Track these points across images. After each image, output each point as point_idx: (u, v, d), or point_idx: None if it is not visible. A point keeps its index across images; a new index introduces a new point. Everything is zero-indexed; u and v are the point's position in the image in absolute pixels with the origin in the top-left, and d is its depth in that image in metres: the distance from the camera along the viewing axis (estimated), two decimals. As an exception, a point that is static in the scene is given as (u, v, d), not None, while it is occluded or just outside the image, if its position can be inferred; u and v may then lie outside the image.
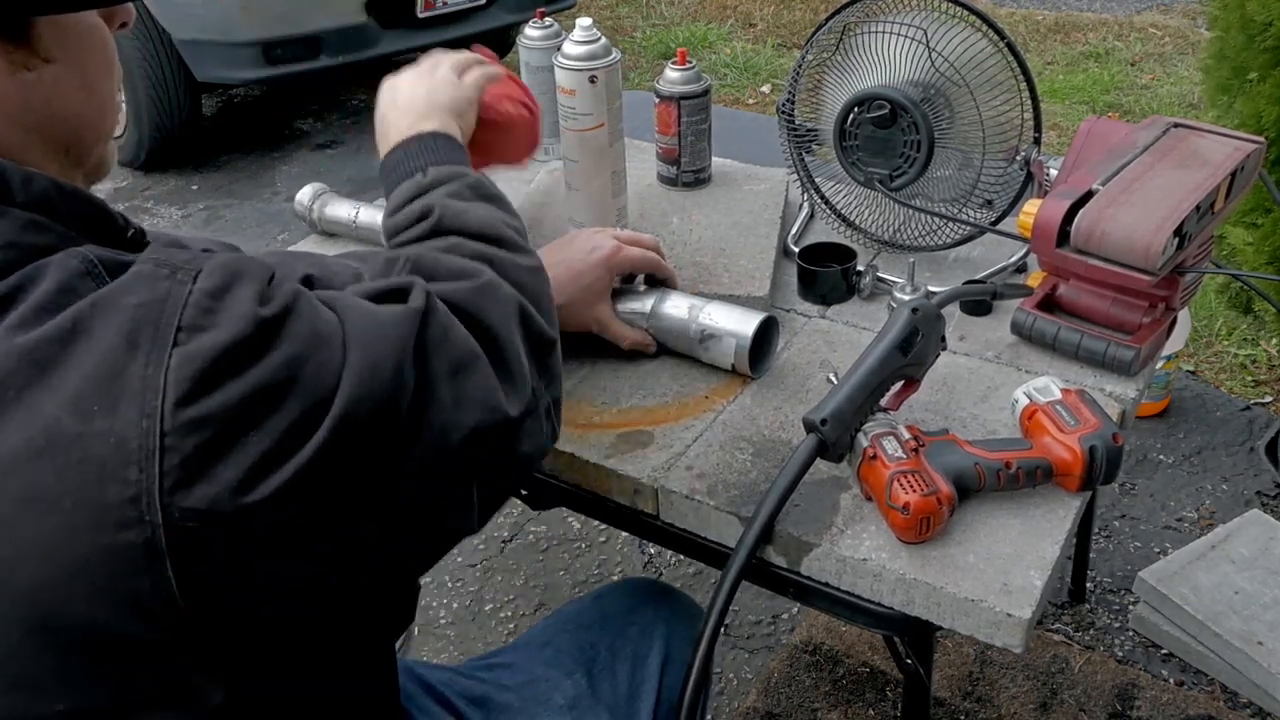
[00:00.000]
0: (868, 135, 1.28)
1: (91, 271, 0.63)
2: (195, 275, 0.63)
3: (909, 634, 0.97)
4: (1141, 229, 1.04)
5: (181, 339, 0.60)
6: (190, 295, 0.62)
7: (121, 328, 0.60)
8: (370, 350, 0.66)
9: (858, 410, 0.94)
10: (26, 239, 0.63)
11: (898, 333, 0.97)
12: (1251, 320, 2.60)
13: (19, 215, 0.63)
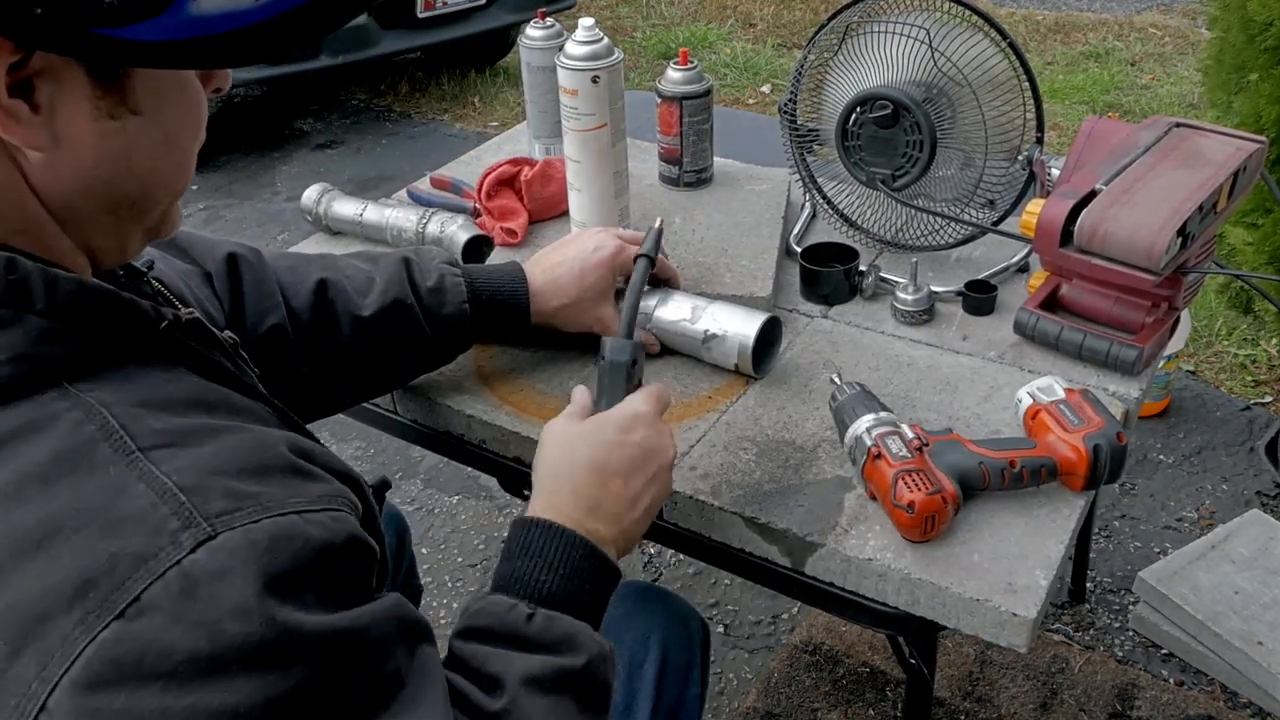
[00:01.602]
0: (870, 135, 1.28)
1: (109, 437, 0.57)
2: (204, 542, 0.54)
3: (913, 634, 0.97)
4: (1145, 229, 1.04)
5: (130, 613, 0.52)
6: (173, 568, 0.53)
7: (81, 571, 0.52)
8: None
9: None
10: (42, 351, 0.58)
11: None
12: (1251, 320, 2.60)
13: (36, 323, 0.58)
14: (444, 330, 1.09)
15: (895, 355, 1.19)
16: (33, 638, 0.52)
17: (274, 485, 0.59)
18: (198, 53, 0.58)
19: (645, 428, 0.88)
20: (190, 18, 0.57)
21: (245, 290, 0.99)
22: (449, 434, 1.18)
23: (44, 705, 0.51)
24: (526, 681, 0.71)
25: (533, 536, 0.80)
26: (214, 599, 0.53)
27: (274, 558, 0.55)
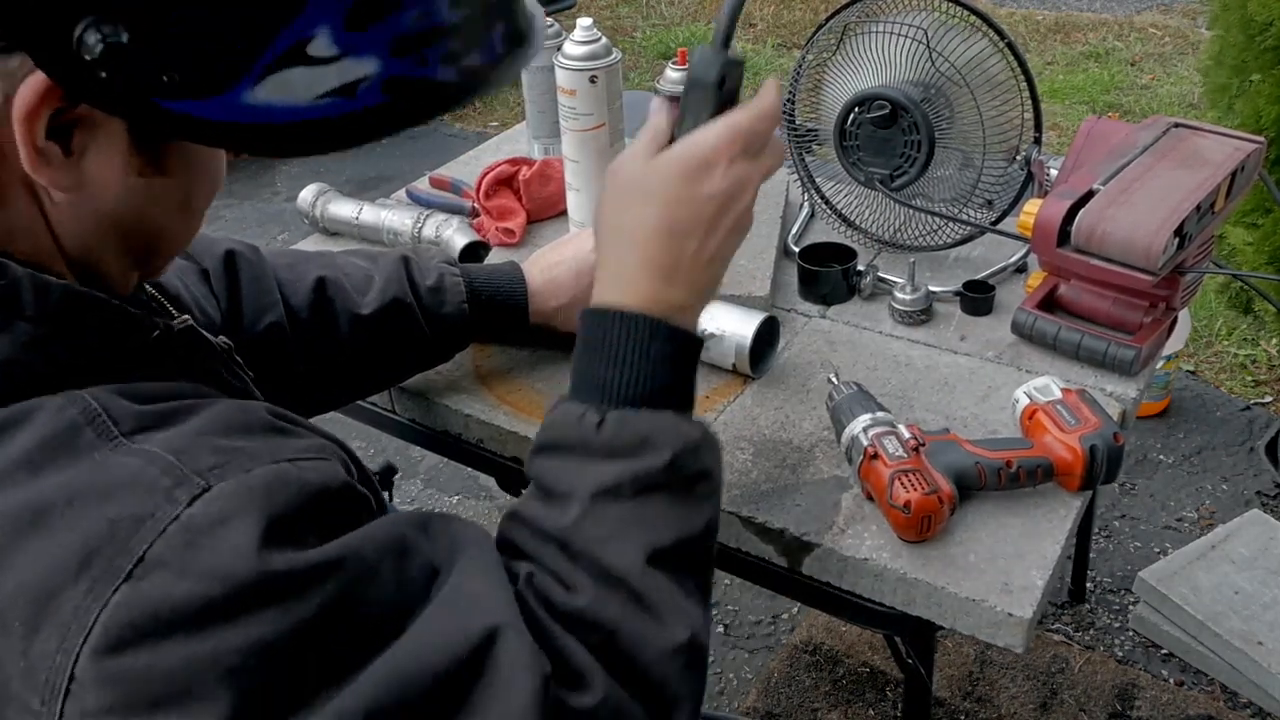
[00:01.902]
0: (868, 135, 1.28)
1: (92, 421, 0.56)
2: (199, 495, 0.54)
3: (910, 634, 0.97)
4: (1142, 229, 1.04)
5: (137, 573, 0.51)
6: (173, 523, 0.53)
7: (82, 542, 0.52)
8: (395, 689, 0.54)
9: None
10: (29, 358, 0.58)
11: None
12: (1251, 320, 2.60)
13: (25, 330, 0.58)
14: (442, 330, 1.09)
15: (893, 355, 1.19)
16: (46, 614, 0.52)
17: (260, 441, 0.59)
18: (248, 138, 0.59)
19: (717, 174, 0.73)
20: (248, 104, 0.57)
21: (243, 288, 0.99)
22: (447, 433, 1.18)
23: (72, 675, 0.51)
24: (597, 493, 0.67)
25: (596, 329, 0.72)
26: (218, 546, 0.53)
27: (271, 501, 0.55)
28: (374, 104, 0.60)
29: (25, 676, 0.52)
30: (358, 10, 0.59)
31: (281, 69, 0.57)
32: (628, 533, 0.66)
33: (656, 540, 0.66)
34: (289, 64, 0.57)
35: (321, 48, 0.58)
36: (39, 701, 0.52)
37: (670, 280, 0.72)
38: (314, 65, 0.58)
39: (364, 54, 0.59)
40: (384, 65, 0.60)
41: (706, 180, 0.73)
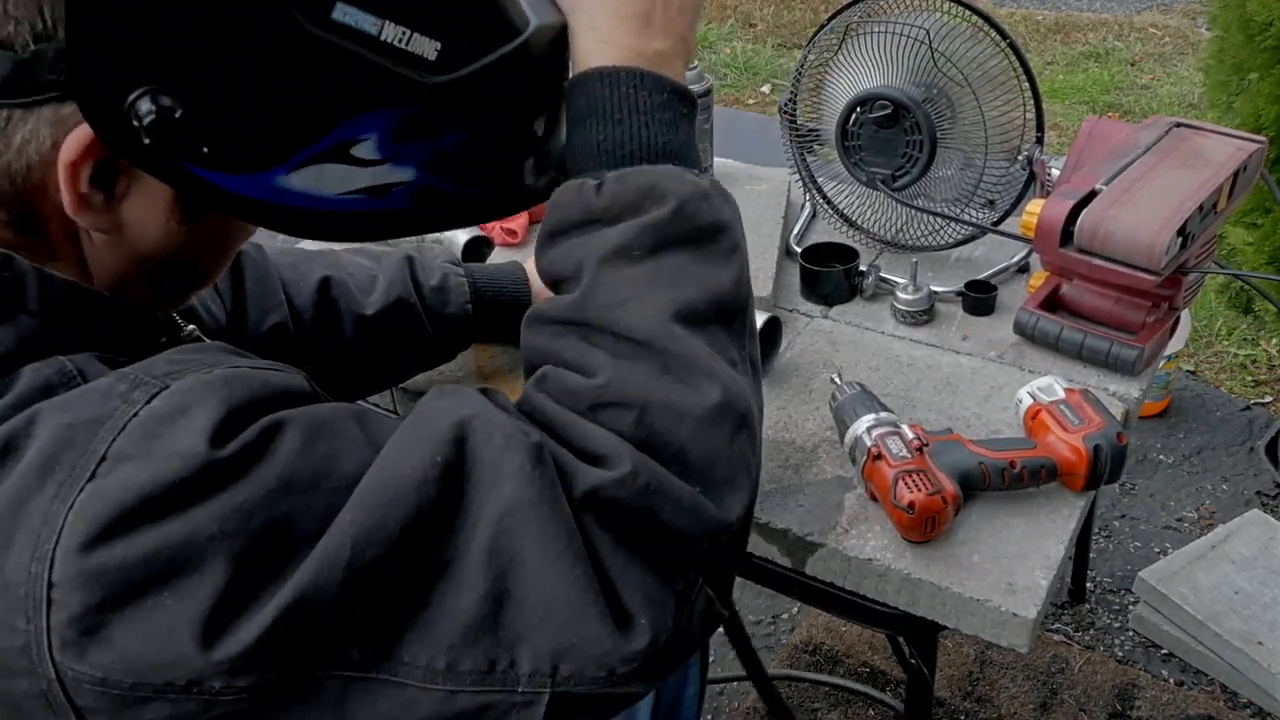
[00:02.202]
0: (870, 135, 1.28)
1: (67, 382, 0.56)
2: (158, 393, 0.54)
3: (913, 634, 0.97)
4: (1145, 229, 1.04)
5: (102, 471, 0.51)
6: (133, 418, 0.53)
7: (42, 450, 0.52)
8: (379, 508, 0.54)
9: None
10: (29, 351, 0.58)
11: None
12: (1251, 320, 2.61)
13: (26, 323, 0.58)
14: (446, 329, 1.09)
15: (895, 355, 1.19)
16: (16, 526, 0.51)
17: (216, 354, 0.59)
18: (269, 215, 0.60)
19: None
20: (280, 187, 0.58)
21: (248, 287, 0.99)
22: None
23: (50, 581, 0.50)
24: (607, 256, 0.63)
25: (579, 98, 0.68)
26: (179, 431, 0.52)
27: (232, 391, 0.55)
28: (400, 208, 0.62)
29: (4, 594, 0.51)
30: (408, 124, 0.60)
31: (322, 162, 0.59)
32: (644, 294, 0.61)
33: (680, 297, 0.61)
34: (330, 159, 0.59)
35: (366, 151, 0.60)
36: (24, 619, 0.51)
37: (646, 27, 0.68)
38: (353, 165, 0.60)
39: (403, 163, 0.61)
40: (418, 176, 0.62)
41: None
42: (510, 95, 0.65)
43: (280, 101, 0.57)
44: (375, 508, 0.53)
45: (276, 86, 0.56)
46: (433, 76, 0.60)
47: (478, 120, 0.64)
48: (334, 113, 0.59)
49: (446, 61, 0.60)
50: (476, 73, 0.62)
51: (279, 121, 0.57)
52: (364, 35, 0.57)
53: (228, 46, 0.55)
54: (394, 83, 0.59)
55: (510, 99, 0.66)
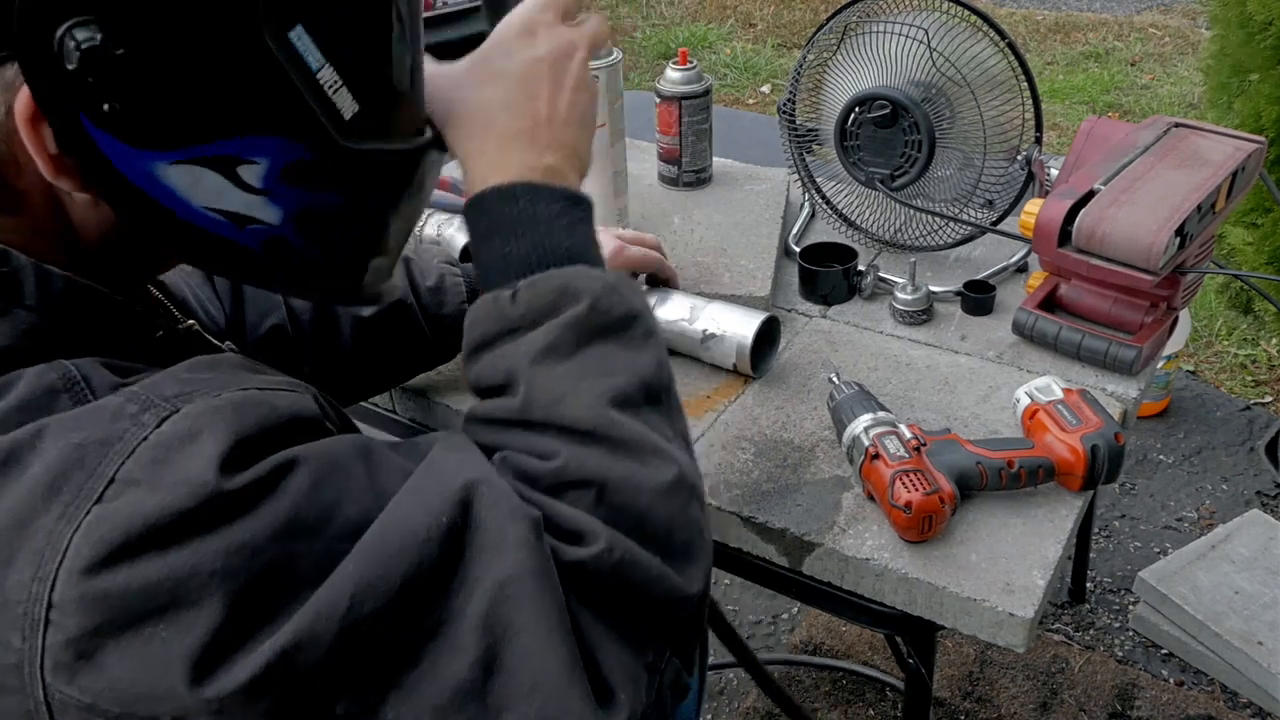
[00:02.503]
0: (869, 135, 1.28)
1: (70, 388, 0.55)
2: (168, 416, 0.53)
3: (911, 634, 0.97)
4: (1143, 229, 1.04)
5: (109, 494, 0.51)
6: (142, 442, 0.52)
7: (50, 468, 0.51)
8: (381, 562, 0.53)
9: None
10: (26, 345, 0.57)
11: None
12: (1251, 320, 2.60)
13: (23, 318, 0.58)
14: (443, 330, 1.09)
15: (894, 355, 1.19)
16: (19, 544, 0.51)
17: (227, 374, 0.59)
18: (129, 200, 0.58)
19: (540, 35, 0.75)
20: (151, 173, 0.57)
21: (246, 290, 0.99)
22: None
23: (50, 602, 0.50)
24: (536, 358, 0.65)
25: (479, 217, 0.70)
26: (188, 459, 0.52)
27: (241, 419, 0.54)
28: (249, 249, 0.61)
29: (3, 611, 0.51)
30: (299, 167, 0.60)
31: (204, 166, 0.58)
32: (579, 386, 0.63)
33: (613, 384, 0.64)
34: (214, 167, 0.58)
35: (250, 174, 0.59)
36: (19, 638, 0.50)
37: (533, 144, 0.71)
38: (232, 183, 0.59)
39: (275, 203, 0.60)
40: (281, 223, 0.61)
41: (530, 44, 0.74)
42: (388, 188, 0.67)
43: (199, 86, 0.56)
44: (378, 561, 0.53)
45: (204, 70, 0.55)
46: (339, 135, 0.61)
47: (353, 195, 0.64)
48: (241, 122, 0.58)
49: (356, 127, 0.61)
50: (375, 151, 0.64)
51: (188, 105, 0.56)
52: (304, 65, 0.58)
53: (180, 8, 0.54)
54: (308, 122, 0.60)
55: (386, 191, 0.67)
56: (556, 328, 0.65)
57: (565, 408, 0.63)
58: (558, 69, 0.74)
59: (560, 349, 0.65)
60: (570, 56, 0.75)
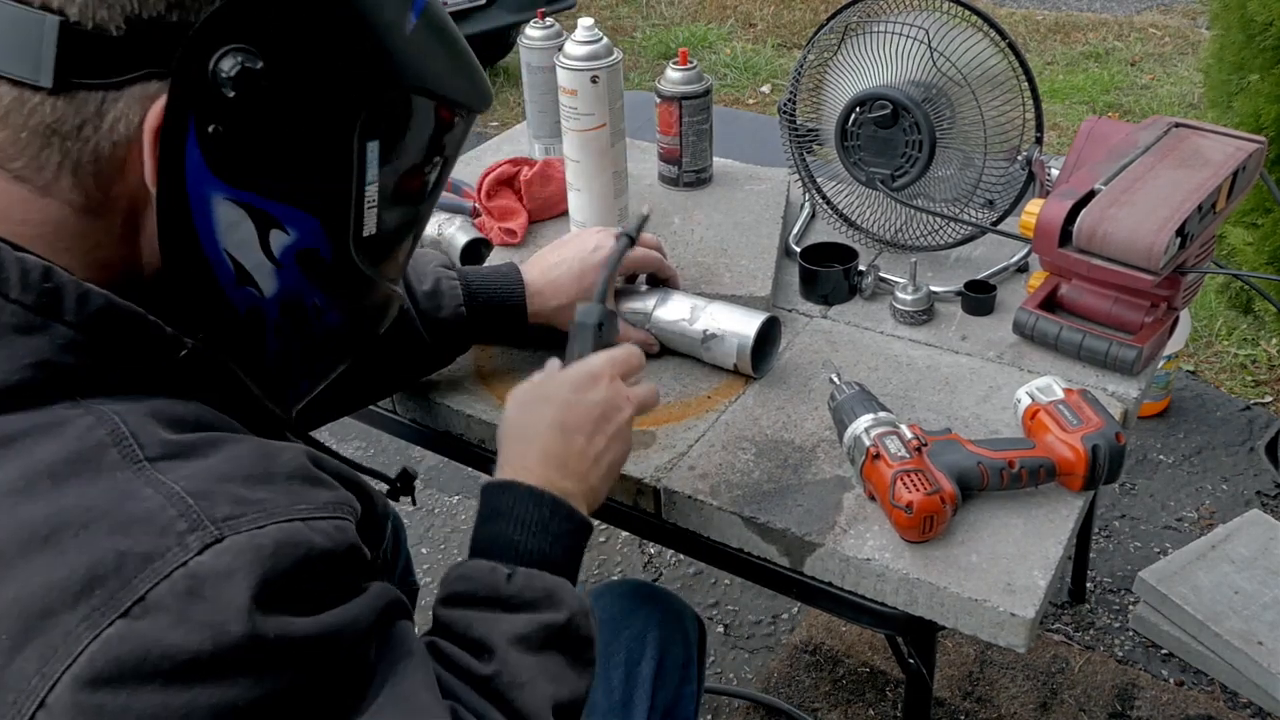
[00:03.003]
0: (869, 135, 1.28)
1: (119, 443, 0.57)
2: (211, 545, 0.55)
3: (912, 634, 0.97)
4: (1144, 229, 1.04)
5: (135, 612, 0.52)
6: (179, 569, 0.53)
7: (88, 568, 0.53)
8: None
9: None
10: (63, 360, 0.59)
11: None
12: (1251, 320, 2.60)
13: (62, 332, 0.60)
14: (441, 334, 1.09)
15: (894, 355, 1.19)
16: (36, 633, 0.51)
17: (279, 492, 0.60)
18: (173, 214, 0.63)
19: (602, 386, 0.89)
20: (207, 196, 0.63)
21: None
22: (448, 433, 1.18)
23: (43, 702, 0.51)
24: (513, 641, 0.73)
25: (502, 499, 0.82)
26: (218, 600, 0.53)
27: (277, 563, 0.56)
28: (231, 306, 0.67)
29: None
30: (313, 256, 0.69)
31: (248, 214, 0.65)
32: (537, 683, 0.72)
33: (557, 694, 0.73)
34: (255, 218, 0.65)
35: (276, 240, 0.67)
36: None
37: (562, 470, 0.85)
38: (259, 240, 0.66)
39: (279, 279, 0.68)
40: (271, 299, 0.68)
41: (592, 389, 0.88)
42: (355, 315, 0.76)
43: (289, 143, 0.64)
44: None
45: (301, 132, 0.64)
46: (354, 244, 0.70)
47: (334, 306, 0.73)
48: (298, 192, 0.66)
49: (365, 246, 0.71)
50: (366, 276, 0.73)
51: (272, 155, 0.64)
52: (364, 174, 0.68)
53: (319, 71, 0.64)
54: (341, 221, 0.69)
55: (353, 318, 0.76)
56: (536, 623, 0.75)
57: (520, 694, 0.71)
58: (605, 418, 0.88)
59: (532, 641, 0.74)
60: (620, 410, 0.89)
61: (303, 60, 0.63)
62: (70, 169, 0.61)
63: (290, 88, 0.63)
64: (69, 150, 0.61)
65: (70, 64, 0.58)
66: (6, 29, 0.58)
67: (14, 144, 0.60)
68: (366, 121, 0.67)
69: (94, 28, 0.58)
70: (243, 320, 0.68)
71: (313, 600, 0.58)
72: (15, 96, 0.59)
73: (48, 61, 0.58)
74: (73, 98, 0.59)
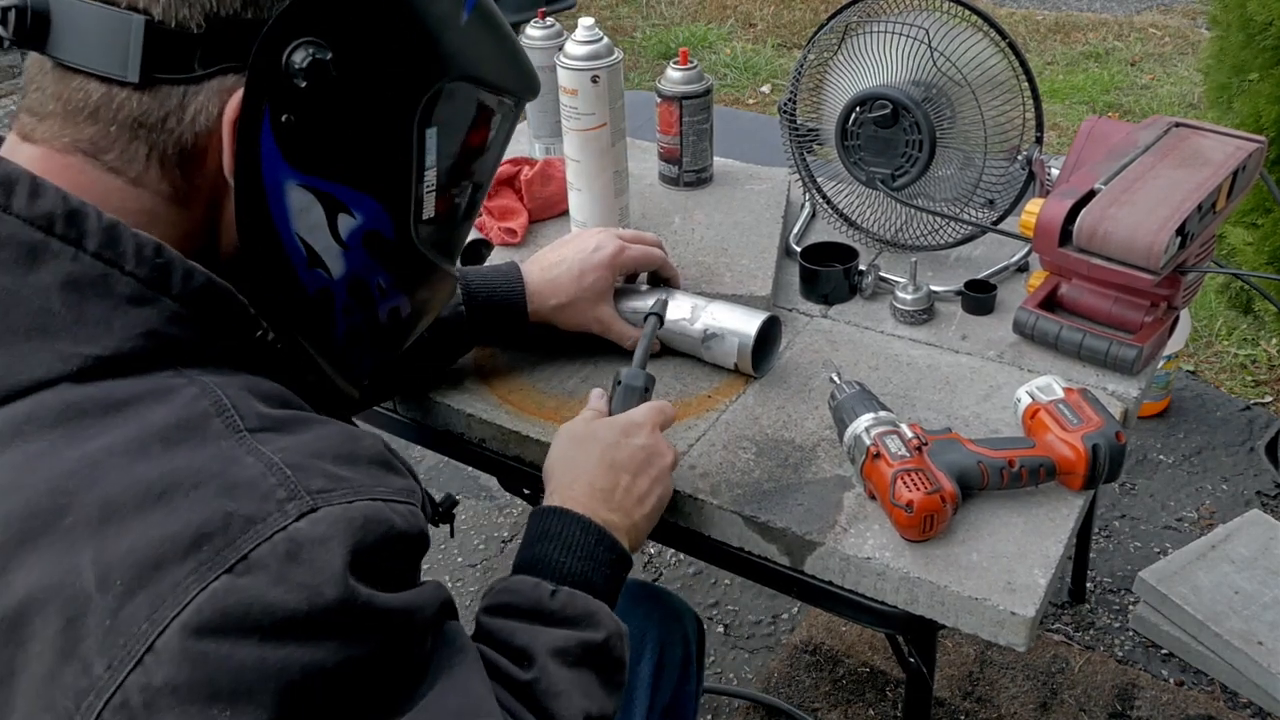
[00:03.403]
0: (869, 135, 1.28)
1: (222, 413, 0.61)
2: (307, 513, 0.58)
3: (912, 633, 0.97)
4: (1144, 228, 1.04)
5: (239, 569, 0.55)
6: (279, 532, 0.57)
7: (199, 523, 0.56)
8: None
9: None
10: (169, 331, 0.64)
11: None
12: (1251, 320, 2.60)
13: (169, 306, 0.64)
14: (441, 333, 1.09)
15: (895, 354, 1.19)
16: (147, 581, 0.55)
17: (362, 473, 0.64)
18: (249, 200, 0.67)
19: (645, 432, 0.94)
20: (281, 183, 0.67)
21: None
22: (449, 433, 1.18)
23: (151, 646, 0.53)
24: (553, 653, 0.76)
25: (551, 522, 0.86)
26: (315, 564, 0.57)
27: (365, 536, 0.60)
28: (304, 284, 0.71)
29: (105, 637, 0.54)
30: (378, 237, 0.73)
31: (317, 198, 0.69)
32: (572, 695, 0.75)
33: (589, 709, 0.75)
34: (324, 202, 0.70)
35: (343, 226, 0.72)
36: (104, 665, 0.53)
37: (608, 503, 0.88)
38: (328, 224, 0.71)
39: (345, 260, 0.73)
40: (339, 279, 0.73)
41: (636, 435, 0.93)
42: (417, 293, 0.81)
43: (356, 131, 0.69)
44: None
45: (366, 120, 0.69)
46: (414, 227, 0.76)
47: (397, 285, 0.78)
48: (364, 176, 0.71)
49: (425, 229, 0.77)
50: (426, 257, 0.79)
51: (340, 142, 0.69)
52: (424, 159, 0.74)
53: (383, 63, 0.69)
54: (403, 204, 0.74)
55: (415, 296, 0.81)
56: (575, 639, 0.77)
57: (558, 703, 0.74)
58: (649, 461, 0.93)
59: (570, 655, 0.77)
60: (663, 456, 0.94)
61: (367, 52, 0.67)
62: (157, 160, 0.65)
63: (356, 78, 0.67)
64: (155, 142, 0.65)
65: (155, 60, 0.63)
66: (95, 29, 0.63)
67: (105, 137, 0.65)
68: (425, 109, 0.72)
69: (176, 26, 0.63)
70: (313, 301, 0.72)
71: (392, 578, 0.62)
72: (104, 92, 0.64)
73: (134, 58, 0.63)
74: (157, 92, 0.64)
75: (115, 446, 0.58)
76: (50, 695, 0.54)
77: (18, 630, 0.56)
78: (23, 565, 0.56)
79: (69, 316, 0.62)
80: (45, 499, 0.57)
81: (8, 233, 0.62)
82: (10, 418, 0.60)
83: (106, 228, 0.62)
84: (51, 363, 0.61)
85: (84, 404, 0.60)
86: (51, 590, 0.55)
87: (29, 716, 0.55)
